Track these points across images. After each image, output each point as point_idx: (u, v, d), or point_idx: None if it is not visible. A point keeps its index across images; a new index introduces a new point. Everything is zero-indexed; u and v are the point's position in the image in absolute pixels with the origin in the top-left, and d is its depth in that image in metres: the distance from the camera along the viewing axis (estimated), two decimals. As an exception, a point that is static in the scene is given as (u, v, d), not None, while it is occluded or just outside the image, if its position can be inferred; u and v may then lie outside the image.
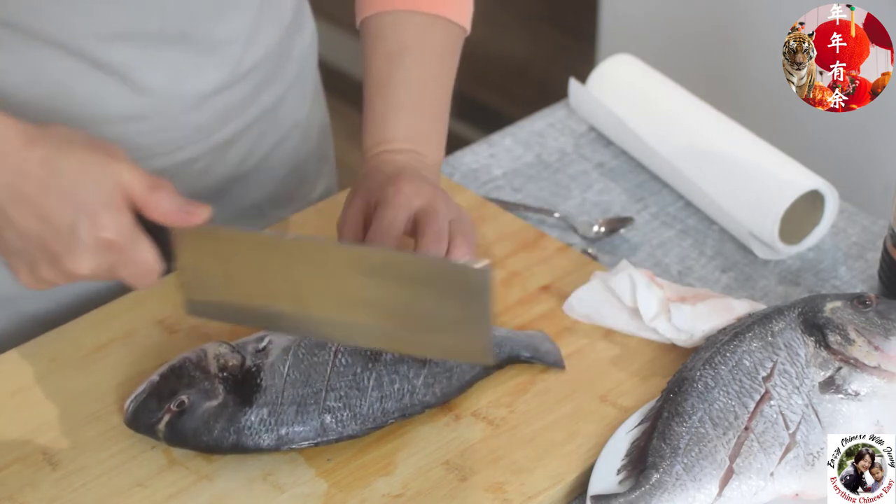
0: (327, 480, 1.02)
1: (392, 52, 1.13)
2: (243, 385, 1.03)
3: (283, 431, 1.02)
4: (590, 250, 1.26)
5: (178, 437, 1.02)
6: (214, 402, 1.03)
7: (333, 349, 1.05)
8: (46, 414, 1.06)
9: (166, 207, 0.93)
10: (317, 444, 1.02)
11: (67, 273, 0.93)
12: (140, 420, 1.03)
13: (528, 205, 1.31)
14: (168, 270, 0.97)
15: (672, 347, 1.12)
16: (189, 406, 1.02)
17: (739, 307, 1.11)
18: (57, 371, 1.10)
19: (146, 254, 0.94)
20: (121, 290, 1.17)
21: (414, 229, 1.03)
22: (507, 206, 1.29)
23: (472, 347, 0.96)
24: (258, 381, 1.03)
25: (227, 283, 0.98)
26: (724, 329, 1.09)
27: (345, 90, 1.90)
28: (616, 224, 1.29)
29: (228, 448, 1.02)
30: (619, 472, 1.01)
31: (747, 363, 1.04)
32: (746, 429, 1.01)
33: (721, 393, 1.03)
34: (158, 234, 0.95)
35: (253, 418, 1.02)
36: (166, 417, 1.02)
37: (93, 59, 1.10)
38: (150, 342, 1.12)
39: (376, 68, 1.14)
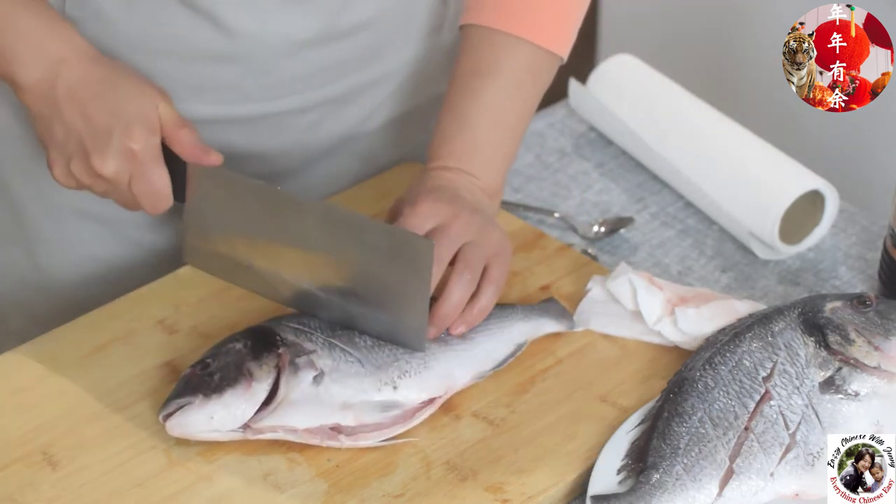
0: (327, 480, 1.02)
1: (467, 71, 1.16)
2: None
3: None
4: (590, 250, 1.26)
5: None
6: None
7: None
8: (46, 414, 1.06)
9: (187, 141, 1.06)
10: None
11: (93, 171, 1.06)
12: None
13: (527, 205, 1.31)
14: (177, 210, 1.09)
15: (672, 348, 1.12)
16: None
17: (743, 309, 1.11)
18: (57, 371, 1.10)
19: (160, 177, 1.06)
20: (120, 290, 1.18)
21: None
22: (507, 206, 1.29)
23: (409, 327, 1.05)
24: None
25: (224, 230, 1.10)
26: (724, 329, 1.09)
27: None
28: (616, 224, 1.29)
29: None
30: (619, 472, 1.01)
31: (747, 363, 1.04)
32: (746, 429, 1.01)
33: (721, 393, 1.03)
34: (177, 171, 1.07)
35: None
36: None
37: None
38: (150, 342, 1.12)
39: (451, 85, 1.16)
